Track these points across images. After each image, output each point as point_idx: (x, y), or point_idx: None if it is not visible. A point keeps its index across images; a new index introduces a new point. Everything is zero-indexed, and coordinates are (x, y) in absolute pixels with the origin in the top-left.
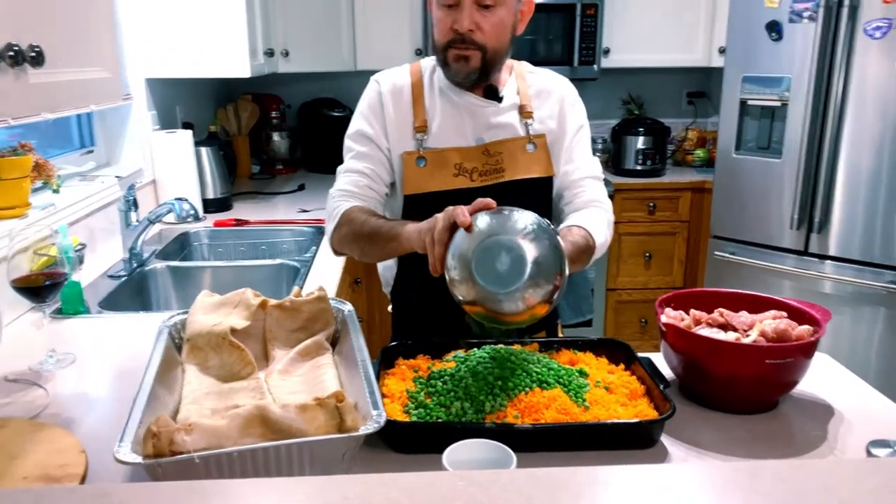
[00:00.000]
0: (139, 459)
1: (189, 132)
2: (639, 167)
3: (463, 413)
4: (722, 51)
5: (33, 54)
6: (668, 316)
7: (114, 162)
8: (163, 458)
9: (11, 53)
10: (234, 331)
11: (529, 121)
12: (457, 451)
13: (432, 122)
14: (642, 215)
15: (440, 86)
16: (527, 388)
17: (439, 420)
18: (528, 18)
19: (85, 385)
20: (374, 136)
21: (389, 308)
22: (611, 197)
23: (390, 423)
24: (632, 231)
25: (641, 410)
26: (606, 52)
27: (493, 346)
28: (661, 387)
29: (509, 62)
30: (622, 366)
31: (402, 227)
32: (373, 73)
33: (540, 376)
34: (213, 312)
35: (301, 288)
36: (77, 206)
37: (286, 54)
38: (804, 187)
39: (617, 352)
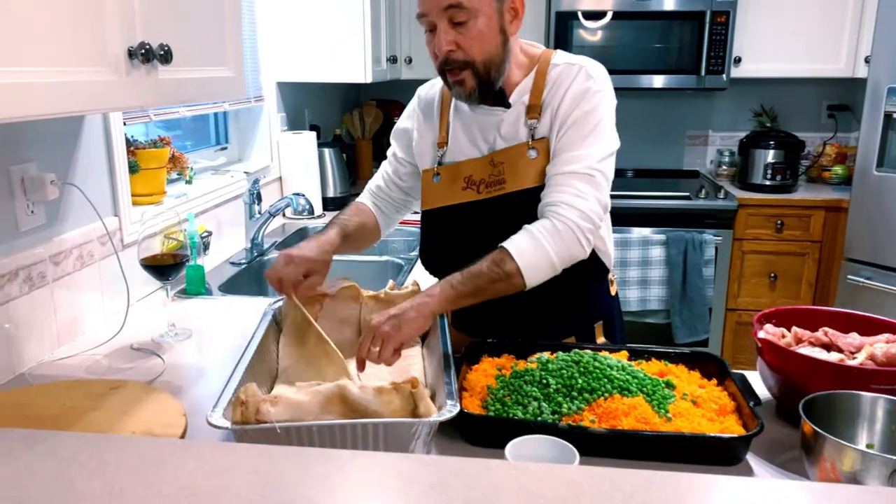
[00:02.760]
0: (228, 424)
1: (313, 134)
2: (767, 182)
3: (539, 412)
4: (868, 60)
5: (162, 52)
6: (767, 332)
7: (244, 159)
8: (248, 425)
9: (143, 52)
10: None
11: (534, 122)
12: (521, 446)
13: (452, 136)
14: (769, 233)
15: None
16: (606, 394)
17: (515, 417)
18: (522, 12)
19: (197, 357)
20: (401, 146)
21: None
22: (734, 212)
23: (464, 415)
24: (756, 249)
25: (728, 427)
26: (737, 61)
27: (578, 350)
28: (752, 404)
29: (534, 54)
30: (714, 381)
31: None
32: None
33: (622, 383)
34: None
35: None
36: (207, 196)
37: (409, 61)
38: None
39: (711, 366)
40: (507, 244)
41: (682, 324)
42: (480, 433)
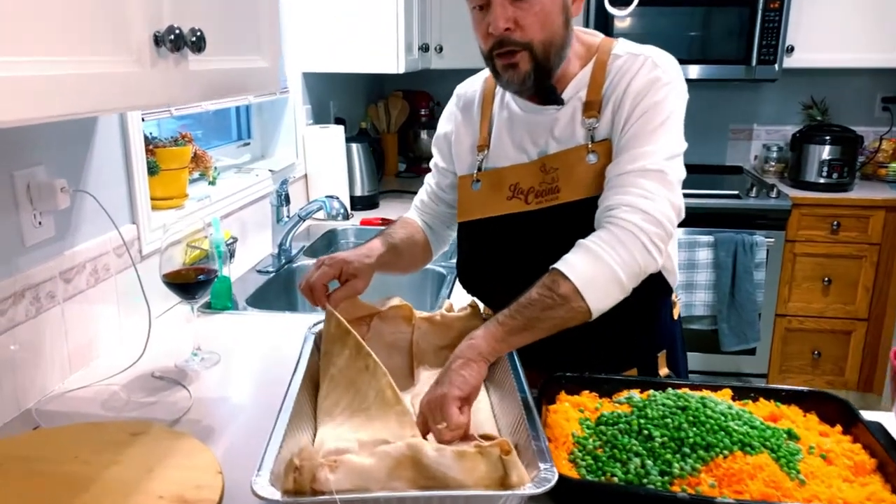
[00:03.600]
0: (277, 496)
1: (341, 128)
2: (822, 180)
3: (645, 473)
4: None
5: (194, 39)
6: None
7: (268, 155)
8: (303, 496)
9: (172, 37)
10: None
11: (593, 121)
12: None
13: (495, 139)
14: (823, 234)
15: (504, 94)
16: (726, 451)
17: (614, 478)
18: None
19: (227, 389)
20: (441, 155)
21: None
22: (788, 212)
23: (563, 482)
24: (809, 252)
25: (875, 492)
26: (790, 50)
27: (676, 390)
28: None
29: (592, 43)
30: (839, 427)
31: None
32: None
33: (742, 437)
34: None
35: (445, 298)
36: (231, 198)
37: (440, 50)
38: None
39: (830, 407)
40: (558, 264)
41: (730, 331)
42: (578, 501)
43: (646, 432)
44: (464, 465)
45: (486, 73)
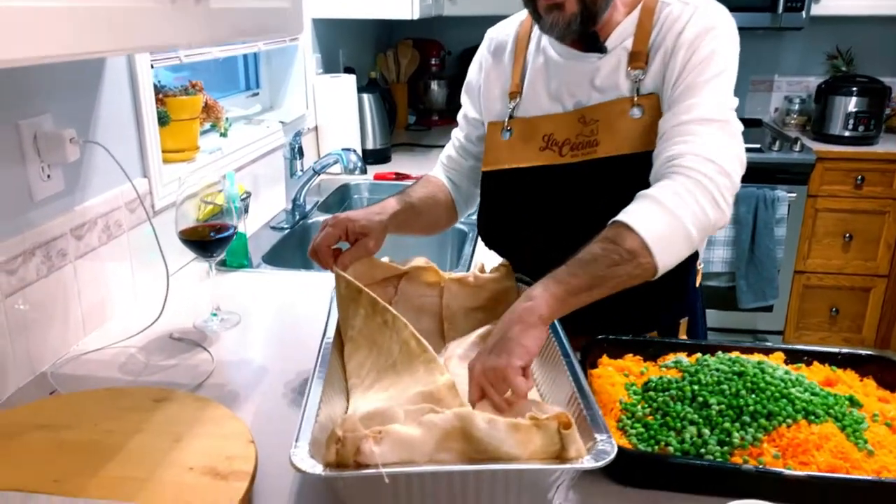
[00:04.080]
0: (319, 469)
1: (353, 77)
2: (847, 133)
3: (703, 444)
4: None
5: None
6: None
7: (277, 106)
8: (346, 468)
9: None
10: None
11: (639, 73)
12: None
13: (528, 85)
14: (847, 189)
15: (542, 38)
16: (789, 420)
17: (669, 448)
18: None
19: (250, 351)
20: (471, 103)
21: None
22: (811, 166)
23: (622, 454)
24: (831, 207)
25: None
26: None
27: (727, 353)
28: None
29: None
30: None
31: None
32: None
33: (805, 405)
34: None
35: (473, 257)
36: (243, 151)
37: None
38: None
39: (889, 371)
40: (621, 217)
41: (748, 288)
42: (635, 473)
43: (700, 399)
44: (518, 437)
45: (521, 16)
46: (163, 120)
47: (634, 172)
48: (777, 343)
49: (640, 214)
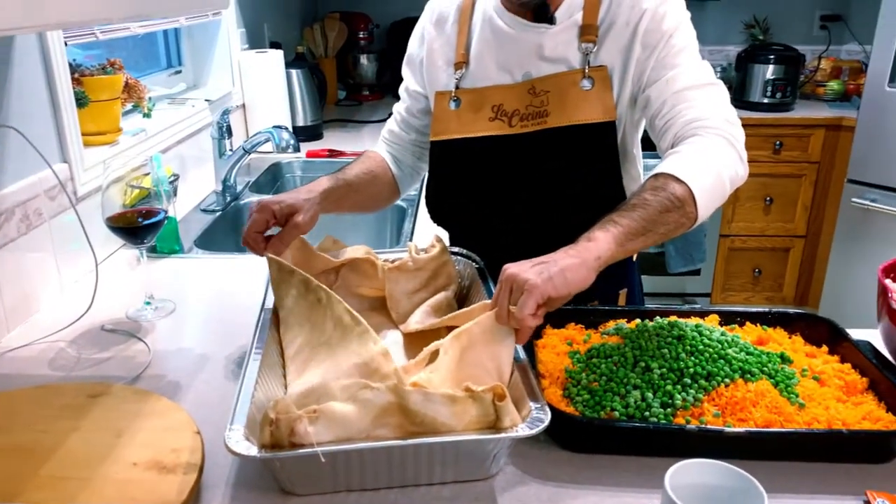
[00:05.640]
0: (254, 451)
1: (279, 52)
2: (766, 100)
3: (646, 407)
4: None
5: None
6: None
7: (201, 84)
8: (281, 450)
9: None
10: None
11: (590, 46)
12: (681, 474)
13: (475, 56)
14: (766, 154)
15: (487, 8)
16: (727, 380)
17: (615, 412)
18: None
19: (187, 339)
20: (412, 76)
21: None
22: None
23: (559, 419)
24: (752, 172)
25: (870, 412)
26: None
27: (665, 318)
28: None
29: None
30: (825, 348)
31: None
32: None
33: (742, 364)
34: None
35: (413, 234)
36: (168, 131)
37: None
38: None
39: (814, 329)
40: (666, 168)
41: (676, 253)
42: (579, 438)
43: (643, 364)
44: (454, 409)
45: None
46: (81, 101)
47: (584, 143)
48: (705, 305)
49: (685, 165)
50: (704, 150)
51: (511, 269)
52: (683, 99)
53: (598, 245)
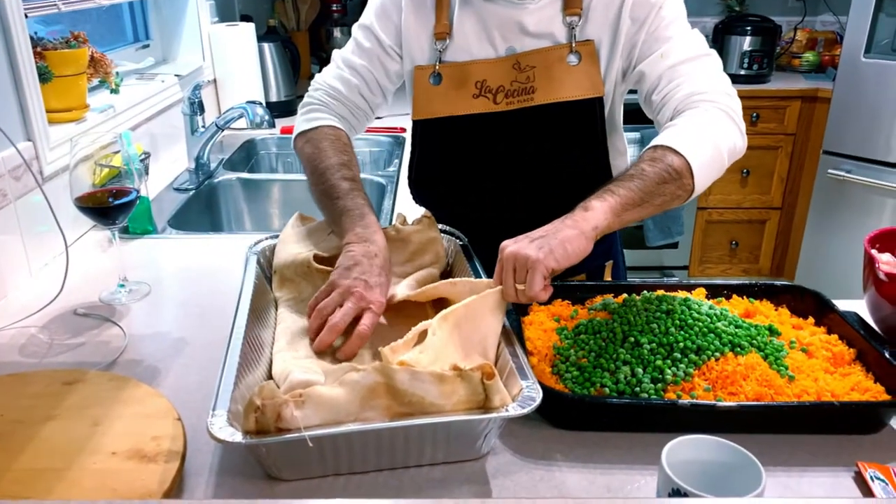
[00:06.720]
0: (238, 437)
1: (251, 25)
2: (742, 72)
3: (637, 382)
4: None
5: None
6: (890, 264)
7: (170, 59)
8: (267, 435)
9: None
10: (320, 259)
11: (575, 19)
12: (677, 451)
13: (457, 29)
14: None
15: None
16: (717, 354)
17: (605, 388)
18: None
19: (164, 322)
20: (383, 38)
21: None
22: None
23: (550, 397)
24: None
25: (859, 382)
26: None
27: (653, 292)
28: (886, 351)
29: None
30: (811, 319)
31: (347, 219)
32: None
33: (731, 338)
34: (302, 241)
35: (394, 210)
36: (137, 108)
37: None
38: None
39: (801, 301)
40: (664, 141)
41: (654, 226)
42: (570, 415)
43: (632, 339)
44: (442, 388)
45: None
46: (44, 76)
47: (571, 119)
48: (683, 278)
49: (681, 137)
50: (703, 123)
51: (511, 247)
52: (679, 73)
53: (595, 214)
